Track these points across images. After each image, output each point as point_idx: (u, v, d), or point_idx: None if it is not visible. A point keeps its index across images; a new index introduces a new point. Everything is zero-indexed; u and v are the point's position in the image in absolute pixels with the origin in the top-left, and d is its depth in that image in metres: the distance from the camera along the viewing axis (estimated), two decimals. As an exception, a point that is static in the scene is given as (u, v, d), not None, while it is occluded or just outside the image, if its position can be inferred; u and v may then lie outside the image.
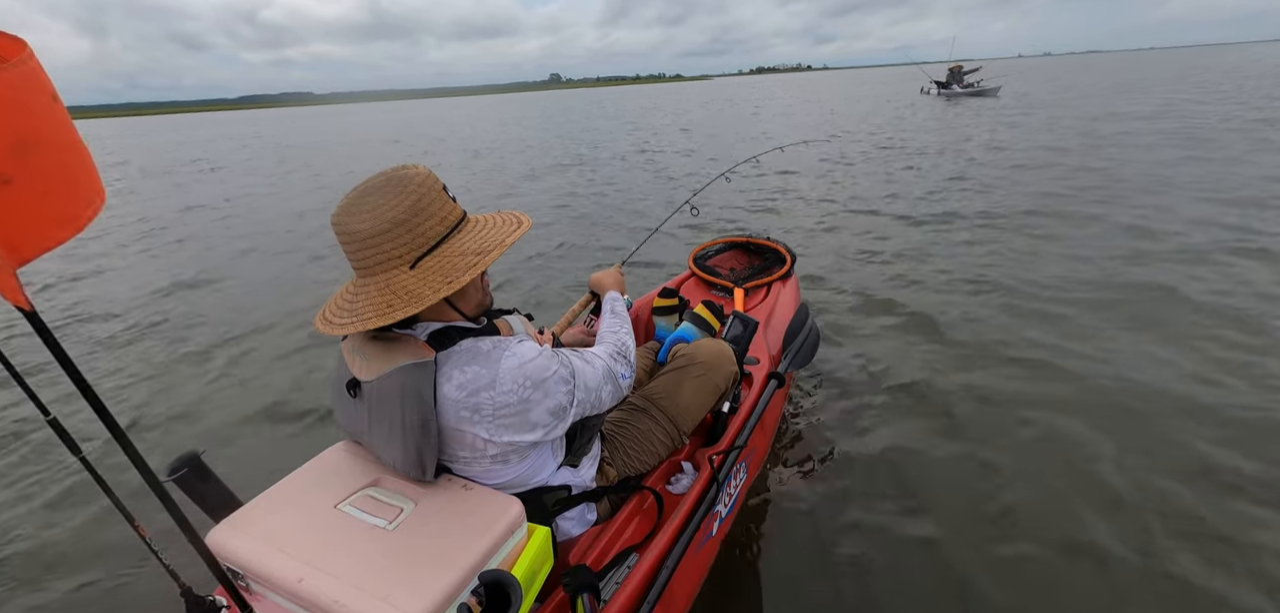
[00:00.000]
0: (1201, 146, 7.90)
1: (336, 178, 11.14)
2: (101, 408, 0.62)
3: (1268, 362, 2.58)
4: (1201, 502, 1.85)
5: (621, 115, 26.08)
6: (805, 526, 1.87)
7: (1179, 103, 14.09)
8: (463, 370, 0.95)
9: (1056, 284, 3.59)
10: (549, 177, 9.01)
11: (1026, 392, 2.50)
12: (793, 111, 15.44)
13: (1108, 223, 4.80)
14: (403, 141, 19.86)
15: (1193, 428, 2.19)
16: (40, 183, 0.56)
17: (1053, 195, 5.90)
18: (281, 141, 23.14)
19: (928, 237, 4.82)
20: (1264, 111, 11.20)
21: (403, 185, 0.94)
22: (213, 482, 1.06)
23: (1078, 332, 2.98)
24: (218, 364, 3.34)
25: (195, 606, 0.91)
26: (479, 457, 1.01)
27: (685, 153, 11.53)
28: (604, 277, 1.54)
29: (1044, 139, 9.84)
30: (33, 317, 0.56)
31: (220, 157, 17.79)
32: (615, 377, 1.17)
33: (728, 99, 36.54)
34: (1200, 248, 4.04)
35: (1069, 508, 1.87)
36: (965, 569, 1.68)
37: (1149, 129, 9.99)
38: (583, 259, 4.93)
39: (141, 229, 7.27)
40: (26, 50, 0.56)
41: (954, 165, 7.95)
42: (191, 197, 9.80)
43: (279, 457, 2.37)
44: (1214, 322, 2.98)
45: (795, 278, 2.65)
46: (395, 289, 0.93)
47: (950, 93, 20.74)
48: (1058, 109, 14.81)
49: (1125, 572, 1.65)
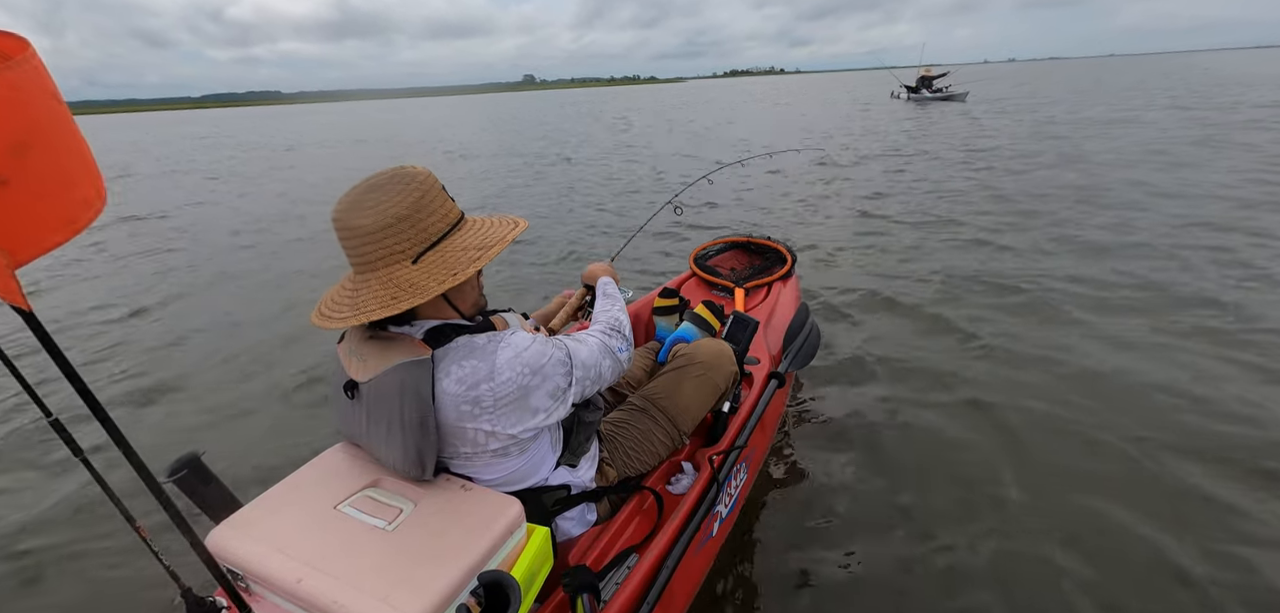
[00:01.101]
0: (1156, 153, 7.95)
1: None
2: (100, 411, 0.62)
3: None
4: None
5: (599, 116, 25.63)
6: (805, 526, 1.86)
7: (1137, 108, 14.45)
8: (460, 365, 0.96)
9: (1057, 283, 3.59)
10: (536, 184, 8.97)
11: (1027, 390, 2.49)
12: (772, 118, 15.33)
13: (1098, 222, 4.81)
14: (373, 142, 19.17)
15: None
16: (38, 184, 0.55)
17: (1039, 195, 5.97)
18: (245, 142, 22.23)
19: (924, 237, 4.82)
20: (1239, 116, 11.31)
21: (406, 182, 0.95)
22: (213, 483, 1.06)
23: (1080, 329, 2.98)
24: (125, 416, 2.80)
25: (195, 606, 0.91)
26: (480, 452, 1.01)
27: (676, 154, 11.52)
28: (596, 268, 1.55)
29: (1012, 141, 9.99)
30: (31, 319, 0.56)
31: (178, 158, 16.71)
32: (612, 351, 1.17)
33: (706, 100, 36.10)
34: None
35: (1073, 507, 1.86)
36: (966, 568, 1.68)
37: (1106, 133, 10.22)
38: (574, 266, 4.90)
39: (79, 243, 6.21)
40: (29, 49, 0.55)
41: (940, 168, 8.01)
42: (133, 206, 8.82)
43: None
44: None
45: (796, 278, 2.65)
46: (398, 283, 0.94)
47: (920, 97, 21.46)
48: (1023, 113, 15.08)
49: (1134, 556, 1.65)
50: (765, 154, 3.94)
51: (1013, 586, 1.62)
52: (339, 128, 29.62)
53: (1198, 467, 2.00)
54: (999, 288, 3.60)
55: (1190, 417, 2.26)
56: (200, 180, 11.73)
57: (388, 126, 28.74)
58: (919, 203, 5.93)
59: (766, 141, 12.41)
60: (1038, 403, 2.40)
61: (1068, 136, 9.95)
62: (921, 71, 22.89)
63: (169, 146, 22.35)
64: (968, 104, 19.16)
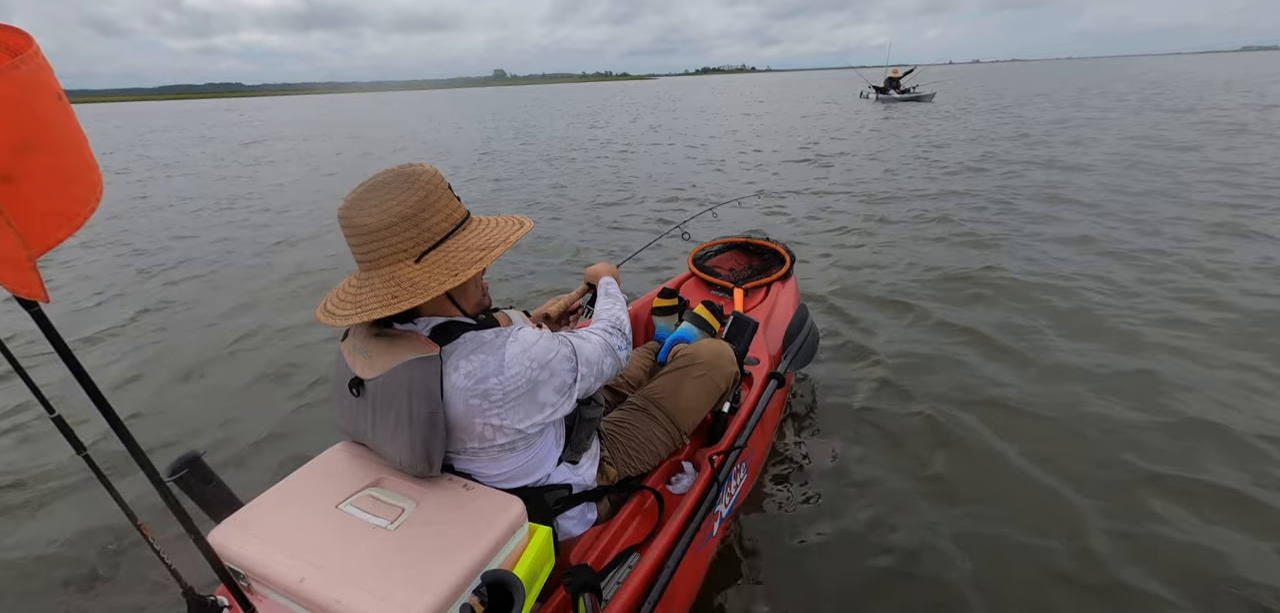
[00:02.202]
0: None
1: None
2: (106, 407, 0.62)
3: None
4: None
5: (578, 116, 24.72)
6: (805, 525, 1.87)
7: (1088, 107, 14.95)
8: (469, 360, 0.96)
9: (1052, 281, 3.61)
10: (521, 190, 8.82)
11: (1026, 387, 2.50)
12: (755, 126, 15.27)
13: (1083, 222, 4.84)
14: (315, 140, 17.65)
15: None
16: (40, 181, 0.55)
17: (1022, 193, 6.05)
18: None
19: (924, 237, 4.83)
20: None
21: (411, 181, 0.96)
22: (214, 482, 1.06)
23: (1077, 328, 3.00)
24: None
25: (197, 606, 0.90)
26: (487, 446, 1.02)
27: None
28: (598, 267, 1.56)
29: (972, 144, 10.09)
30: (39, 316, 0.56)
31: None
32: (613, 349, 1.19)
33: (674, 100, 35.65)
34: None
35: (1074, 506, 1.87)
36: (966, 567, 1.68)
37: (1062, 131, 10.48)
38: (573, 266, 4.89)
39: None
40: (33, 46, 0.55)
41: (924, 167, 8.06)
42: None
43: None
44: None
45: (794, 278, 2.65)
46: (400, 281, 0.95)
47: (887, 98, 21.76)
48: (990, 114, 15.28)
49: (1157, 550, 1.68)
50: (759, 194, 3.98)
51: (1013, 585, 1.63)
52: (296, 125, 26.77)
53: (1211, 447, 2.01)
54: (999, 289, 3.61)
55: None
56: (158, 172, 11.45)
57: (354, 125, 25.48)
58: (914, 206, 5.95)
59: (763, 155, 12.39)
60: (1038, 402, 2.41)
61: (1045, 141, 9.99)
62: (889, 72, 23.13)
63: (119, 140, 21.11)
64: (936, 104, 19.42)
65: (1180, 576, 1.63)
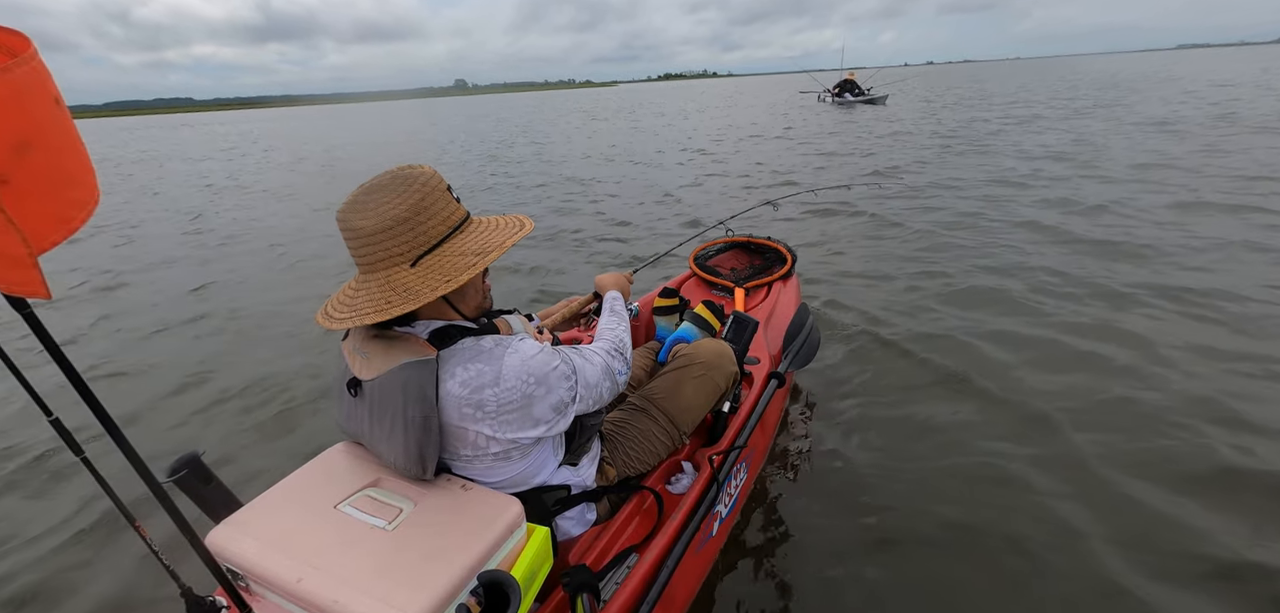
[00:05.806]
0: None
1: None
2: (100, 410, 0.62)
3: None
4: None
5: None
6: (805, 525, 1.86)
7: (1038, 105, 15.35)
8: (466, 367, 0.96)
9: (1050, 278, 3.59)
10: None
11: (1026, 387, 2.49)
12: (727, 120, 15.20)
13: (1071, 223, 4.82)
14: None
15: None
16: (37, 184, 0.55)
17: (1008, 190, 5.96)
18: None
19: (923, 237, 4.81)
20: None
21: (407, 184, 0.95)
22: (213, 483, 1.06)
23: (1072, 326, 2.98)
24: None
25: (195, 606, 0.91)
26: (481, 454, 1.01)
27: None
28: (608, 278, 1.53)
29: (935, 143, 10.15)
30: (31, 318, 0.56)
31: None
32: (613, 373, 1.18)
33: (633, 107, 35.32)
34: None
35: (1074, 506, 1.86)
36: (966, 566, 1.68)
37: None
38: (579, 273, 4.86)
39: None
40: (31, 48, 0.55)
41: (910, 165, 8.10)
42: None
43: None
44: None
45: (796, 278, 2.65)
46: (394, 286, 0.94)
47: (843, 100, 22.37)
48: (943, 112, 15.66)
49: (1161, 547, 1.66)
50: (768, 204, 3.99)
51: (1018, 585, 1.62)
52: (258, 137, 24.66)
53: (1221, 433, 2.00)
54: (1000, 289, 3.60)
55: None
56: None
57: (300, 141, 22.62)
58: (906, 209, 5.92)
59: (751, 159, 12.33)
60: (1039, 401, 2.40)
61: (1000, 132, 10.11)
62: (846, 75, 23.78)
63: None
64: (888, 106, 19.95)
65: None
